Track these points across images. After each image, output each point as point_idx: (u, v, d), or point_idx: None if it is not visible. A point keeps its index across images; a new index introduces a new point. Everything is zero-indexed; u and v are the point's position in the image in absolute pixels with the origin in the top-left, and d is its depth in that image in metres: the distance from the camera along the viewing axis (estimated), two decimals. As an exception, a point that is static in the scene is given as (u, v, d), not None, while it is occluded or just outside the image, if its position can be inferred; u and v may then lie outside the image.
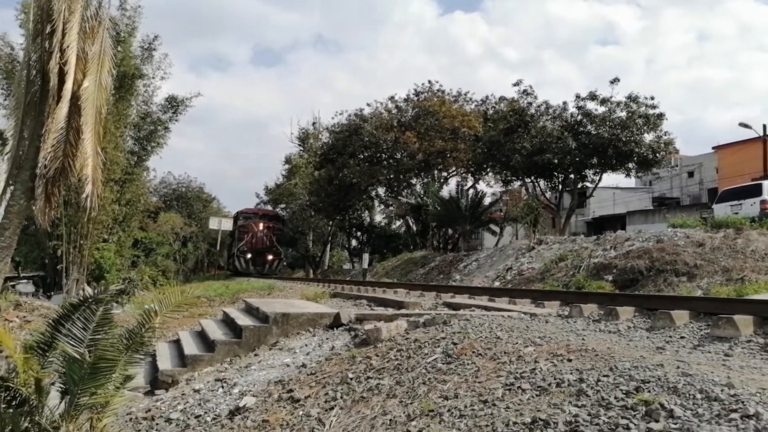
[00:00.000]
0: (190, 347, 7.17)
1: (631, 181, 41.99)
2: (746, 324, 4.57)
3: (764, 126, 28.77)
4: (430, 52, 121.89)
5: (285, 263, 43.27)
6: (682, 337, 4.76)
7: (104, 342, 5.03)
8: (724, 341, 4.47)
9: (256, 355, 6.59)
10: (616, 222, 34.88)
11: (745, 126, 28.34)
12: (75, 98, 4.12)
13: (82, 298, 5.59)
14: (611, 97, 24.09)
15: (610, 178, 31.87)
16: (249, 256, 36.49)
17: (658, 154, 23.87)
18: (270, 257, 37.74)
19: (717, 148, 40.95)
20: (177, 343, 7.93)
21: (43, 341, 5.21)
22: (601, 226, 35.91)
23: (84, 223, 15.59)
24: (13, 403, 4.70)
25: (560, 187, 28.03)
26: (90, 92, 4.13)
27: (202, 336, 7.84)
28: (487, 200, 31.17)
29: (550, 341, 4.62)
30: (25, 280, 16.36)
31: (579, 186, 27.92)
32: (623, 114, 23.71)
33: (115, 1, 18.44)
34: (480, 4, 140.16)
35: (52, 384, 4.89)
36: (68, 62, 4.01)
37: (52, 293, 16.10)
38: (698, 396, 2.99)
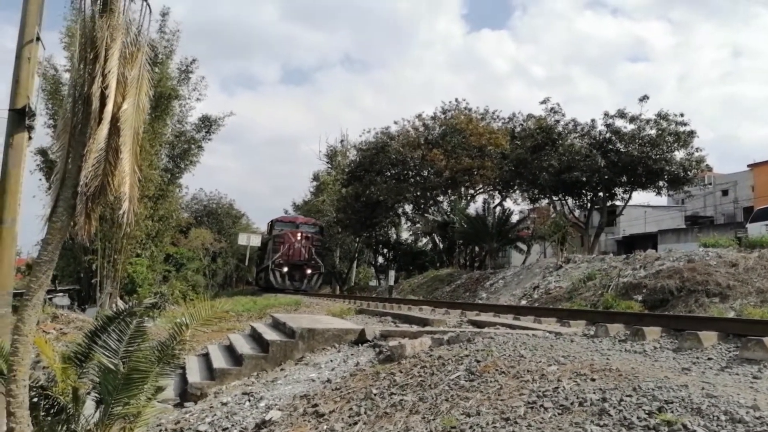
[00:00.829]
0: (219, 361, 7.33)
1: (662, 200, 41.20)
2: (776, 346, 4.49)
3: (801, 143, 27.98)
4: (457, 69, 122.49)
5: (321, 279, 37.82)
6: (710, 359, 4.69)
7: (137, 354, 5.22)
8: (753, 363, 4.40)
9: (282, 369, 6.70)
10: (648, 241, 34.20)
11: (782, 143, 27.61)
12: (115, 120, 4.35)
13: (116, 312, 5.82)
14: (640, 114, 23.82)
15: (640, 197, 31.33)
16: (285, 269, 31.94)
17: (689, 172, 23.45)
18: (309, 271, 32.81)
19: (752, 165, 39.99)
20: (206, 357, 8.10)
21: (80, 352, 5.43)
22: (631, 245, 35.24)
23: (119, 238, 16.06)
24: (52, 411, 4.90)
25: (589, 205, 27.68)
26: (129, 114, 4.36)
27: (230, 350, 7.99)
28: (514, 218, 30.97)
29: (573, 360, 4.62)
30: (62, 293, 16.90)
31: (608, 204, 27.55)
32: (653, 132, 23.41)
33: (155, 25, 19.13)
34: (507, 22, 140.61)
35: (88, 394, 5.09)
36: (109, 86, 4.25)
37: (87, 306, 16.57)
38: (722, 417, 2.98)
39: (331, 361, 6.52)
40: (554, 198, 28.33)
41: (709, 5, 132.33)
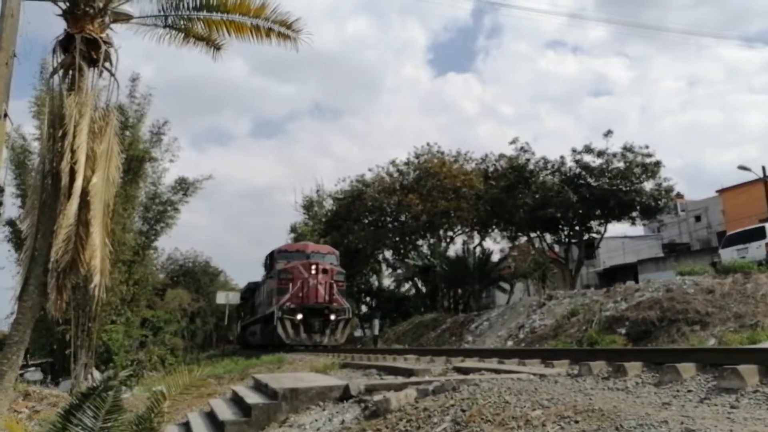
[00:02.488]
0: (200, 430, 7.11)
1: (639, 230, 42.00)
2: (751, 374, 4.55)
3: (763, 168, 29.06)
4: (427, 112, 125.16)
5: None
6: (689, 391, 4.73)
7: (114, 430, 5.07)
8: (730, 392, 4.45)
9: (266, 433, 6.52)
10: (628, 271, 34.60)
11: (745, 168, 28.64)
12: (84, 194, 4.38)
13: (91, 387, 5.67)
14: (606, 149, 24.59)
15: (617, 228, 31.96)
16: (299, 317, 21.41)
17: (659, 202, 24.09)
18: (332, 317, 21.97)
19: (720, 191, 41.16)
20: (186, 426, 7.85)
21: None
22: (613, 276, 35.60)
23: (92, 306, 15.72)
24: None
25: (567, 239, 28.09)
26: (98, 188, 4.39)
27: (211, 417, 7.78)
28: (494, 257, 31.20)
29: (557, 403, 4.61)
30: (34, 368, 16.32)
31: (585, 237, 27.98)
32: (621, 164, 24.13)
33: (125, 90, 19.30)
34: (471, 65, 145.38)
35: (63, 476, 4.89)
36: (78, 161, 4.29)
37: (60, 379, 16.01)
38: (701, 453, 3.00)
39: (316, 420, 6.38)
40: (532, 235, 28.72)
41: (661, 39, 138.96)
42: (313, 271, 22.04)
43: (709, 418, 3.72)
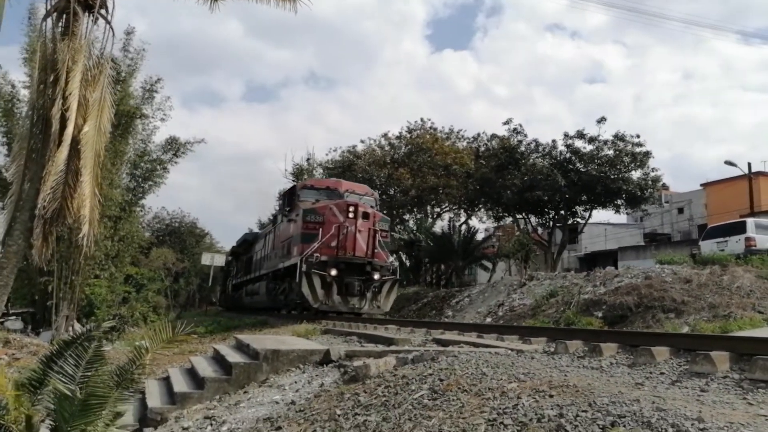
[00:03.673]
0: (180, 384, 7.19)
1: (622, 218, 42.50)
2: (722, 360, 4.70)
3: (749, 164, 29.43)
4: (421, 88, 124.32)
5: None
6: (662, 373, 4.88)
7: (95, 379, 5.09)
8: (701, 377, 4.60)
9: (245, 392, 6.62)
10: (608, 258, 35.13)
11: (731, 164, 28.99)
12: (75, 142, 4.31)
13: (74, 336, 5.67)
14: (599, 135, 24.68)
15: (601, 215, 32.36)
16: (333, 272, 15.45)
17: (645, 191, 24.34)
18: (376, 276, 15.97)
19: (705, 185, 41.64)
20: (167, 381, 7.93)
21: (35, 378, 5.26)
22: (593, 261, 36.12)
23: (77, 259, 15.61)
24: (4, 440, 4.73)
25: (551, 223, 28.35)
26: (90, 137, 4.33)
27: (191, 373, 7.85)
28: (479, 236, 31.42)
29: (533, 377, 4.73)
30: (14, 317, 16.26)
31: (570, 222, 28.24)
32: (611, 152, 24.27)
33: (119, 44, 18.76)
34: (469, 43, 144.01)
35: (42, 421, 4.93)
36: (70, 108, 4.21)
37: (41, 330, 16.00)
38: (670, 430, 3.12)
39: (296, 382, 6.48)
40: (518, 216, 28.91)
41: (661, 29, 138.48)
42: (351, 215, 15.75)
43: (679, 400, 3.84)
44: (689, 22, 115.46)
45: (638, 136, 24.37)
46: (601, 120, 24.65)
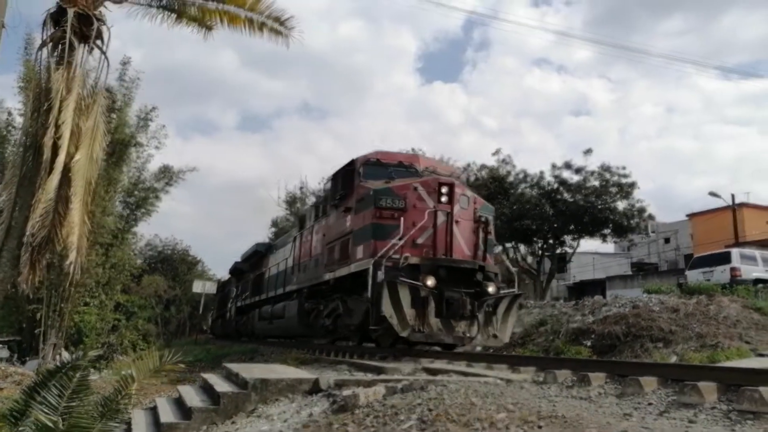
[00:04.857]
0: (167, 415, 7.08)
1: (610, 247, 42.81)
2: (710, 391, 4.73)
3: (732, 196, 29.93)
4: (412, 119, 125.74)
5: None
6: (650, 404, 4.89)
7: (79, 410, 5.01)
8: (689, 408, 4.62)
9: (233, 422, 6.53)
10: (596, 287, 35.25)
11: (715, 195, 29.47)
12: (66, 170, 4.34)
13: (59, 365, 5.59)
14: (585, 166, 25.07)
15: (589, 244, 32.60)
16: (430, 282, 9.32)
17: (632, 221, 24.64)
18: (491, 289, 10.03)
19: (691, 215, 42.17)
20: (153, 411, 7.80)
21: (17, 409, 5.16)
22: (582, 290, 36.22)
23: (66, 286, 15.44)
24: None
25: (540, 252, 28.50)
26: (81, 165, 4.36)
27: (179, 403, 7.74)
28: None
29: (522, 408, 4.73)
30: (1, 345, 15.97)
31: (558, 251, 28.42)
32: (597, 183, 24.63)
33: (115, 73, 18.95)
34: (458, 76, 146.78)
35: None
36: (62, 137, 4.25)
37: (27, 358, 15.69)
38: (657, 461, 3.13)
39: (284, 412, 6.41)
40: (507, 245, 29.02)
41: (645, 65, 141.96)
42: (445, 198, 10.24)
43: (667, 431, 3.86)
44: (672, 58, 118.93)
45: (624, 168, 24.82)
46: (588, 151, 25.10)
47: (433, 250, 10.03)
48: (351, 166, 11.90)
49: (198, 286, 34.25)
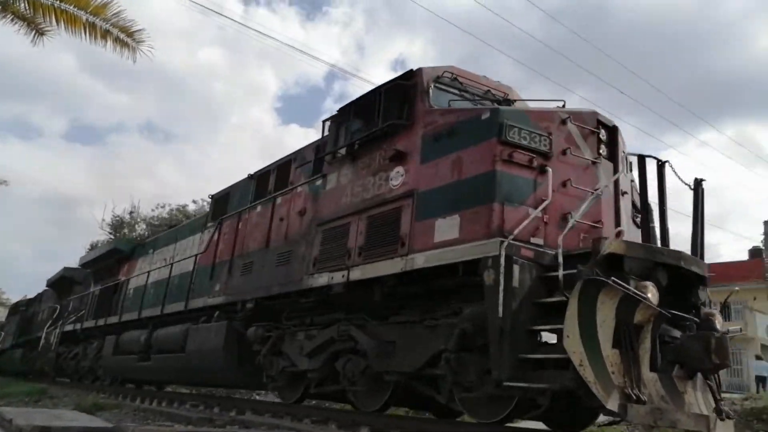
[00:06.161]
0: None
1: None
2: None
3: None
4: (266, 157, 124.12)
5: None
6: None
7: None
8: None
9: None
10: None
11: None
12: None
13: None
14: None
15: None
16: (653, 295, 4.35)
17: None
18: (718, 323, 4.69)
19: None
20: None
21: None
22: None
23: None
24: None
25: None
26: None
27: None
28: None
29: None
30: None
31: None
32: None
33: None
34: (315, 122, 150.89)
35: None
36: None
37: None
38: None
39: (66, 469, 5.38)
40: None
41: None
42: (604, 151, 5.83)
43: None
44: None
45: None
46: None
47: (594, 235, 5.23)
48: (411, 78, 6.72)
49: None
